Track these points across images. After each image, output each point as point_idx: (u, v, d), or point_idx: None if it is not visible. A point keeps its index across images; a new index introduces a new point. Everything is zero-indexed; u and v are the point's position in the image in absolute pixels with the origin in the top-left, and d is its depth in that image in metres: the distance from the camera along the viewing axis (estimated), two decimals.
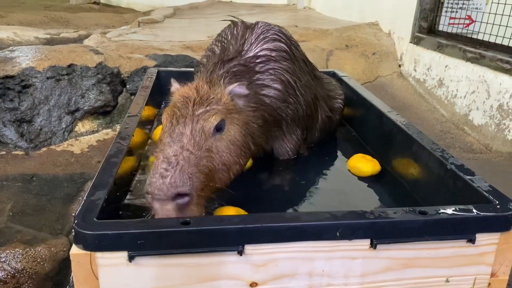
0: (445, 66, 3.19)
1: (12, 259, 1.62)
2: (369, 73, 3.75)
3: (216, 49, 1.66)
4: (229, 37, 1.67)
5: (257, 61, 1.57)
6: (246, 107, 1.42)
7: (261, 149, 1.63)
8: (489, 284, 1.12)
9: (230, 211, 1.29)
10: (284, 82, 1.60)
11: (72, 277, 1.65)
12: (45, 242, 1.75)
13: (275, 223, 1.00)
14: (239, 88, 1.37)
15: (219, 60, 1.53)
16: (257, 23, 1.70)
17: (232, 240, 0.99)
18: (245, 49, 1.59)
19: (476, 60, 2.86)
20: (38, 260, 1.65)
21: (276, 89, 1.58)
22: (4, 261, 1.61)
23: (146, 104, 1.80)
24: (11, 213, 1.91)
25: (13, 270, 1.58)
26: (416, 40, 3.58)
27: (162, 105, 2.31)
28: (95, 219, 0.98)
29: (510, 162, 2.53)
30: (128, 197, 1.40)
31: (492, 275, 1.11)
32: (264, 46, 1.60)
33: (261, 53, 1.59)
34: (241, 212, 1.29)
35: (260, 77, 1.56)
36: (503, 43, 2.78)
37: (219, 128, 1.25)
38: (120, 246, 0.95)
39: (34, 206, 2.02)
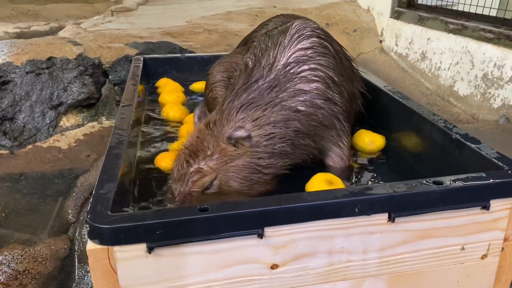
0: (427, 39, 3.21)
1: (11, 261, 1.57)
2: (351, 50, 3.74)
3: (250, 63, 1.45)
4: (263, 48, 1.46)
5: (287, 68, 1.39)
6: (258, 142, 1.30)
7: (308, 158, 1.49)
8: (503, 248, 1.14)
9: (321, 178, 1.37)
10: (325, 79, 1.41)
11: (76, 275, 1.62)
12: (43, 241, 1.70)
13: (294, 204, 0.98)
14: (236, 131, 1.26)
15: (243, 84, 1.38)
16: (292, 23, 1.48)
17: (251, 223, 0.97)
18: (277, 59, 1.41)
19: (459, 31, 2.89)
20: (39, 260, 1.60)
21: (312, 90, 1.40)
22: (4, 263, 1.55)
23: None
24: (3, 214, 1.85)
25: (15, 272, 1.53)
26: (396, 15, 3.59)
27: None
28: (108, 212, 0.95)
29: (497, 130, 2.57)
30: (136, 187, 1.37)
31: (505, 239, 1.13)
32: (298, 47, 1.42)
33: (292, 58, 1.40)
34: (332, 178, 1.36)
35: (289, 85, 1.37)
36: (484, 13, 2.81)
37: (209, 186, 1.28)
38: (138, 238, 0.92)
39: (26, 206, 1.96)
